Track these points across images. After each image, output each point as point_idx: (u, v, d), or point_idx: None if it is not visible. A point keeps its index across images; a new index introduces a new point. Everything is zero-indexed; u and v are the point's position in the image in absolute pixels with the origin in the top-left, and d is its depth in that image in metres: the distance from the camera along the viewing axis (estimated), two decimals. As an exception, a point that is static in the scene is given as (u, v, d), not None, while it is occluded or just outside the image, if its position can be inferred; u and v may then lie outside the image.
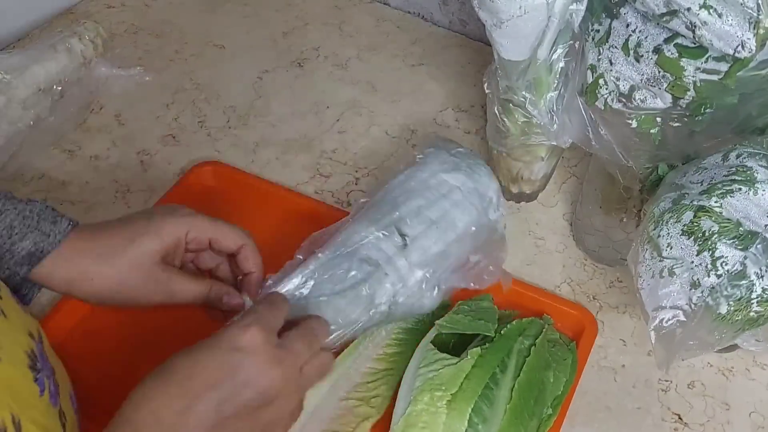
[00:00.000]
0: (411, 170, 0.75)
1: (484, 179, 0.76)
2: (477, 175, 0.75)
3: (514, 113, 0.81)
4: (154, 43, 1.13)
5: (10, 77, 0.92)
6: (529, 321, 0.76)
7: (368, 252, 0.68)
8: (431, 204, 0.72)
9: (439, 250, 0.71)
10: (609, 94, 0.71)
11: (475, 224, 0.73)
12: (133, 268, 0.62)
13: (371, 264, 0.68)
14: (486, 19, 0.72)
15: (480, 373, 0.68)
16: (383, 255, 0.68)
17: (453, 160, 0.76)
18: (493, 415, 0.66)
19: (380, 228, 0.69)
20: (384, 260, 0.68)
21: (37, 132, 0.95)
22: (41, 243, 0.60)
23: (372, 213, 0.71)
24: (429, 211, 0.71)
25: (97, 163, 0.97)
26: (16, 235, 0.60)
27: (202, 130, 1.01)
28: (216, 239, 0.66)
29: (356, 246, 0.68)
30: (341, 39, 1.15)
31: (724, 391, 0.77)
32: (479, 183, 0.75)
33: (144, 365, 0.54)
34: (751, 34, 0.60)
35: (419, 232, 0.70)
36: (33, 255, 0.60)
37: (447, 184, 0.74)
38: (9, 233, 0.60)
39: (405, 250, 0.69)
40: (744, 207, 0.61)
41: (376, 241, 0.69)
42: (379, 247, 0.69)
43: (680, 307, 0.63)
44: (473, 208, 0.73)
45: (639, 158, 0.73)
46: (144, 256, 0.63)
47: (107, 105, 1.04)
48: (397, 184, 0.74)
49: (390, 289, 0.68)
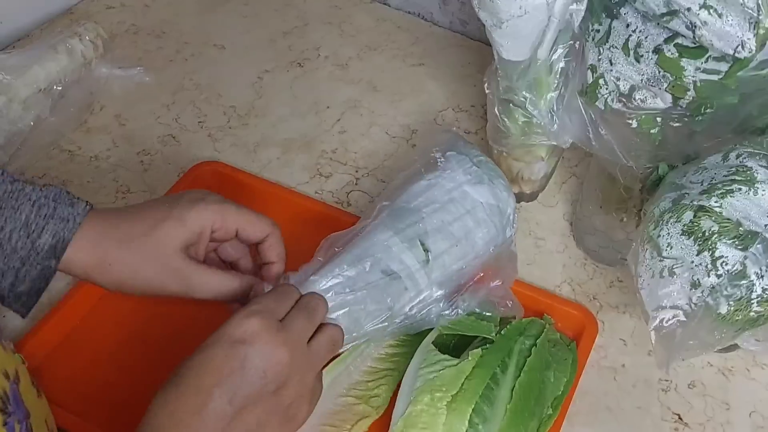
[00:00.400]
0: (434, 176, 0.73)
1: (504, 195, 0.75)
2: (498, 189, 0.74)
3: (514, 113, 0.81)
4: (154, 44, 1.13)
5: (11, 77, 0.92)
6: (529, 321, 0.76)
7: (390, 263, 0.67)
8: (455, 220, 0.71)
9: (458, 269, 0.71)
10: (609, 94, 0.71)
11: (494, 244, 0.73)
12: (152, 256, 0.61)
13: (392, 276, 0.67)
14: (486, 20, 0.72)
15: (480, 373, 0.68)
16: (405, 268, 0.68)
17: (476, 171, 0.74)
18: (493, 415, 0.66)
19: (404, 239, 0.69)
20: (405, 274, 0.68)
21: (37, 132, 0.95)
22: (61, 232, 0.59)
23: (394, 220, 0.70)
24: (453, 227, 0.71)
25: (97, 163, 0.97)
26: (34, 232, 0.59)
27: (202, 130, 1.01)
28: (243, 228, 0.65)
29: (379, 255, 0.67)
30: (341, 39, 1.16)
31: (724, 391, 0.77)
32: (500, 200, 0.74)
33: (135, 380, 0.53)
34: (751, 34, 0.60)
35: (443, 250, 0.70)
36: (55, 247, 0.59)
37: (471, 198, 0.72)
38: (27, 232, 0.59)
39: (427, 266, 0.69)
40: (744, 207, 0.61)
41: (398, 252, 0.68)
42: (401, 259, 0.68)
43: (680, 307, 0.63)
44: (494, 227, 0.73)
45: (639, 158, 0.73)
46: (164, 243, 0.61)
47: (107, 105, 1.04)
48: (419, 190, 0.72)
49: (408, 303, 0.69)
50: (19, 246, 0.59)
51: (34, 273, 0.60)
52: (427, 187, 0.73)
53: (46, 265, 0.60)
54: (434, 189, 0.72)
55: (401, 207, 0.71)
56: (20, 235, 0.59)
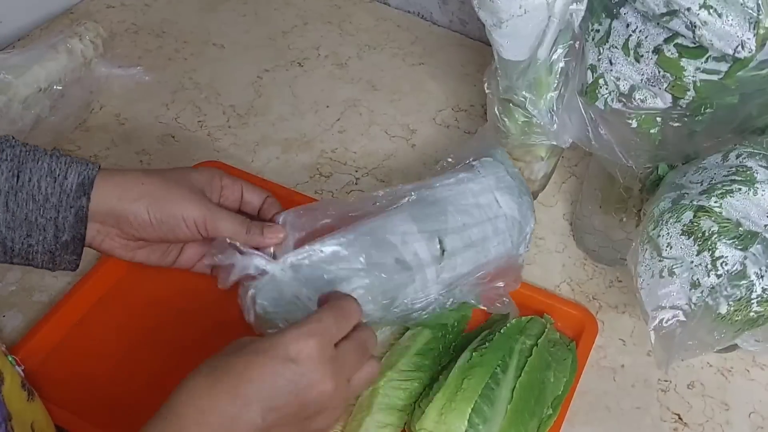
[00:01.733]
0: (465, 176, 0.73)
1: (527, 213, 0.74)
2: (524, 206, 0.74)
3: (514, 113, 0.80)
4: (154, 43, 1.13)
5: (11, 77, 0.92)
6: (529, 319, 0.76)
7: (404, 254, 0.67)
8: (476, 224, 0.71)
9: (466, 272, 0.71)
10: (609, 94, 0.71)
11: (506, 256, 0.73)
12: (176, 183, 0.66)
13: (404, 267, 0.67)
14: (486, 19, 0.72)
15: (480, 372, 0.68)
16: (417, 261, 0.68)
17: (509, 181, 0.74)
18: (493, 414, 0.66)
19: (423, 230, 0.68)
20: (416, 267, 0.68)
21: (37, 131, 0.95)
22: (84, 171, 0.64)
23: (417, 209, 0.70)
24: (472, 231, 0.70)
25: (97, 162, 0.97)
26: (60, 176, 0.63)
27: (201, 130, 1.01)
28: (246, 188, 0.71)
29: (395, 242, 0.67)
30: (341, 38, 1.15)
31: (723, 392, 0.77)
32: (523, 216, 0.74)
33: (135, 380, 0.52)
34: (751, 34, 0.60)
35: (457, 250, 0.70)
36: (83, 185, 0.64)
37: (495, 206, 0.72)
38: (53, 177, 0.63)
39: (439, 264, 0.69)
40: (744, 207, 0.61)
41: (414, 243, 0.68)
42: (416, 251, 0.68)
43: (680, 307, 0.63)
44: (510, 241, 0.73)
45: (639, 158, 0.73)
46: (185, 177, 0.67)
47: (107, 104, 1.04)
48: (448, 184, 0.72)
49: (411, 296, 0.68)
50: (49, 192, 0.63)
51: (71, 218, 0.64)
52: (456, 182, 0.72)
53: (78, 205, 0.63)
54: (463, 186, 0.72)
55: (425, 197, 0.71)
56: (48, 182, 0.63)
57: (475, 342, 0.73)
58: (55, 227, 0.63)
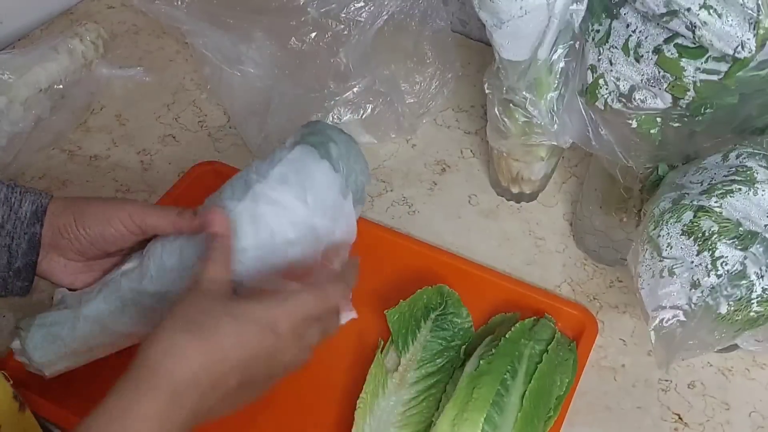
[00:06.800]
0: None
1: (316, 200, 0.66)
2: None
3: (514, 113, 0.81)
4: (154, 44, 1.13)
5: (12, 78, 0.92)
6: (533, 322, 0.76)
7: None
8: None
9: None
10: (609, 94, 0.71)
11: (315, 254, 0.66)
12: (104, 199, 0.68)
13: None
14: (486, 20, 0.72)
15: (490, 380, 0.68)
16: None
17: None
18: (503, 422, 0.66)
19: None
20: None
21: (38, 132, 0.95)
22: (38, 200, 0.66)
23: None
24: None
25: (97, 163, 0.97)
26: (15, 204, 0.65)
27: (202, 130, 1.01)
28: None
29: None
30: (341, 39, 1.15)
31: (723, 391, 0.77)
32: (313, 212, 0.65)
33: None
34: (751, 34, 0.61)
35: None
36: (36, 212, 0.65)
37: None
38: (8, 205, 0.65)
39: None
40: (744, 207, 0.61)
41: None
42: None
43: (680, 307, 0.63)
44: (309, 247, 0.65)
45: (639, 158, 0.73)
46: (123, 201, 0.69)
47: (108, 105, 1.04)
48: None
49: None
50: (5, 219, 0.65)
51: (24, 245, 0.65)
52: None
53: (32, 232, 0.65)
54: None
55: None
56: (4, 210, 0.64)
57: (480, 348, 0.73)
58: (8, 254, 0.65)
